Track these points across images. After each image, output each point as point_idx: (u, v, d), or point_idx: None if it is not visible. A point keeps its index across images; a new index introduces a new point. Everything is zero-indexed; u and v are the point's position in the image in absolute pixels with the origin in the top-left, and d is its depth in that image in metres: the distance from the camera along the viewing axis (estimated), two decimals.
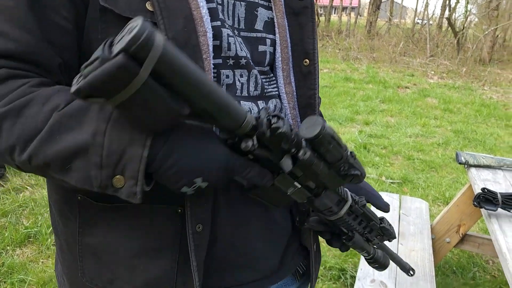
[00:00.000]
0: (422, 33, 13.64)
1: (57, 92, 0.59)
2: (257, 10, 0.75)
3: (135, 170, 0.56)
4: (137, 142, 0.55)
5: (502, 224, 1.54)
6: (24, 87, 0.58)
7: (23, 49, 0.60)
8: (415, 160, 4.56)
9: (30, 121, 0.57)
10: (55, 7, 0.61)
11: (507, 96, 8.11)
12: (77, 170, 0.57)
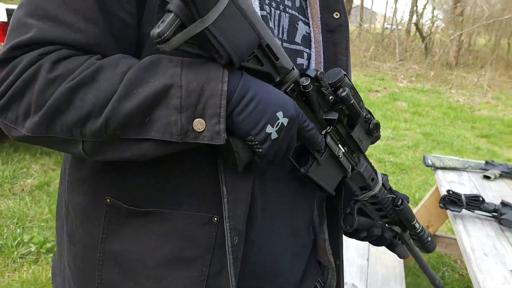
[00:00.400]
0: (391, 38, 13.96)
1: (122, 57, 0.60)
2: (298, 24, 0.78)
3: (216, 106, 0.55)
4: (214, 79, 0.56)
5: (466, 224, 1.59)
6: (91, 59, 0.58)
7: (87, 41, 0.60)
8: (386, 162, 4.66)
9: (104, 84, 0.56)
10: (120, 2, 0.61)
11: (473, 99, 8.40)
12: (157, 120, 0.56)
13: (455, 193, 1.65)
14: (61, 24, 0.58)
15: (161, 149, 0.58)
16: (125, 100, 0.55)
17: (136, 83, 0.56)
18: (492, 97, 8.64)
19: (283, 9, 0.74)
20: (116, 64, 0.58)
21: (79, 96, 0.56)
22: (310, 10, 0.79)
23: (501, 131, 6.23)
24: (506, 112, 7.47)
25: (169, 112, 0.55)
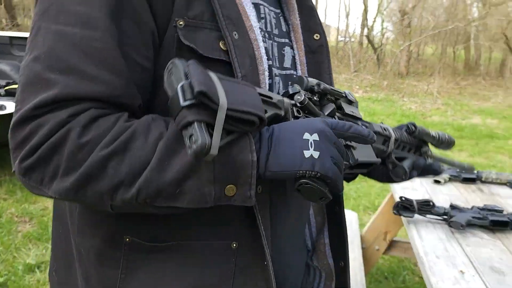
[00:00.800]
0: (345, 50, 14.43)
1: (152, 121, 0.59)
2: (284, 49, 0.81)
3: (248, 176, 0.57)
4: (244, 149, 0.57)
5: (419, 229, 1.65)
6: (120, 122, 0.58)
7: (110, 92, 0.59)
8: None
9: (137, 154, 0.56)
10: (136, 46, 0.61)
11: (424, 106, 8.78)
12: (189, 191, 0.57)
13: (407, 199, 1.71)
14: (85, 78, 0.57)
15: (191, 209, 0.59)
16: (157, 172, 0.56)
17: (168, 154, 0.56)
18: (442, 104, 9.07)
19: (272, 39, 0.78)
20: (148, 131, 0.58)
21: (112, 165, 0.56)
22: (294, 34, 0.83)
23: (452, 135, 6.52)
24: (455, 117, 7.85)
25: (202, 184, 0.56)
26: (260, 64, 0.69)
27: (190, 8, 0.65)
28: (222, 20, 0.65)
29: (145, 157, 0.56)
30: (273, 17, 0.80)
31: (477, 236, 1.60)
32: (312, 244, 0.92)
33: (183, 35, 0.63)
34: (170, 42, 0.63)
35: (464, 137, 6.45)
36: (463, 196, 2.05)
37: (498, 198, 2.04)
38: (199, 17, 0.65)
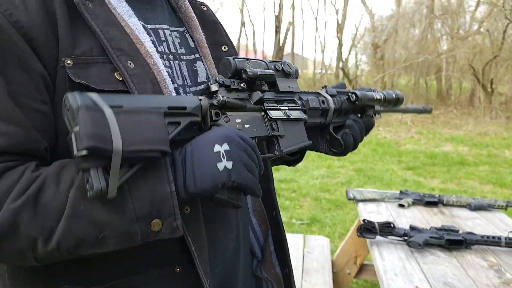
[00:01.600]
0: (322, 82, 14.82)
1: (62, 168, 0.59)
2: (196, 65, 0.84)
3: (170, 207, 0.59)
4: (161, 183, 0.58)
5: (381, 250, 1.74)
6: (27, 173, 0.58)
7: (12, 142, 0.59)
8: (322, 200, 4.86)
9: (49, 205, 0.55)
10: (31, 94, 0.61)
11: (399, 135, 9.04)
12: (113, 235, 0.57)
13: (369, 222, 1.81)
14: None
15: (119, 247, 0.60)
16: (73, 219, 0.55)
17: (82, 200, 0.55)
18: (415, 132, 9.35)
19: (179, 59, 0.81)
20: (57, 180, 0.57)
21: (24, 221, 0.55)
22: (201, 50, 0.87)
23: (425, 163, 6.73)
24: (428, 145, 8.10)
25: (125, 225, 0.57)
26: (165, 87, 0.70)
27: (76, 45, 0.65)
28: (113, 53, 0.66)
29: (58, 207, 0.56)
30: (176, 36, 0.83)
31: (434, 255, 1.70)
32: (260, 253, 0.95)
33: (74, 73, 0.63)
34: (62, 83, 0.64)
35: (437, 164, 6.65)
36: (424, 218, 2.16)
37: (457, 220, 2.16)
38: (88, 53, 0.66)
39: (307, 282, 2.23)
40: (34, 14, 0.64)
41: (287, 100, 0.84)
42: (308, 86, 14.33)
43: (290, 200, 4.83)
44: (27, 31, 0.62)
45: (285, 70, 0.83)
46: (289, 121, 0.82)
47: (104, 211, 0.56)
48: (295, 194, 5.05)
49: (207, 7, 0.95)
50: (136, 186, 0.58)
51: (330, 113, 0.90)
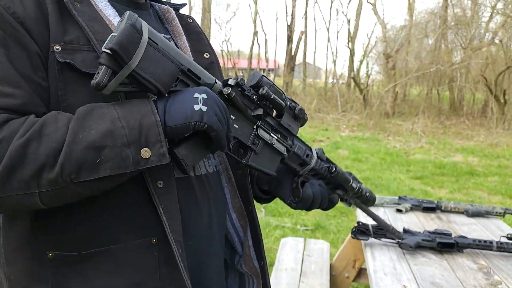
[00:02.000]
0: (333, 91, 14.87)
1: (57, 113, 0.70)
2: None
3: (156, 134, 0.69)
4: (147, 113, 0.69)
5: (374, 251, 1.79)
6: (29, 119, 0.68)
7: (17, 102, 0.70)
8: None
9: (53, 136, 0.66)
10: (33, 68, 0.73)
11: (408, 145, 9.02)
12: (109, 158, 0.66)
13: (363, 224, 1.86)
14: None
15: (115, 181, 0.69)
16: (74, 144, 0.65)
17: (81, 130, 0.66)
18: (425, 142, 9.32)
19: None
20: (56, 120, 0.68)
21: (31, 151, 0.64)
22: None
23: (433, 172, 6.71)
24: (438, 155, 8.06)
25: (119, 149, 0.67)
26: None
27: (65, 34, 0.76)
28: (96, 43, 0.76)
29: (60, 136, 0.66)
30: None
31: (426, 257, 1.74)
32: (241, 248, 1.00)
33: (61, 57, 0.74)
34: (52, 66, 0.74)
35: (445, 174, 6.62)
36: (421, 223, 2.20)
37: (453, 225, 2.19)
38: (75, 42, 0.76)
39: (304, 283, 2.27)
40: (28, 8, 0.75)
41: (281, 133, 0.92)
42: (319, 95, 14.39)
43: None
44: (23, 21, 0.74)
45: (295, 112, 0.92)
46: (269, 148, 0.90)
47: (100, 136, 0.66)
48: None
49: (193, 19, 1.05)
50: (125, 116, 0.68)
51: (307, 168, 0.98)
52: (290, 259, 2.52)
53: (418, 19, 15.78)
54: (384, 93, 12.63)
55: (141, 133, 0.68)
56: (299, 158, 0.96)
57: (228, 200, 0.99)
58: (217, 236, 0.93)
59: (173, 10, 1.03)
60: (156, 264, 0.78)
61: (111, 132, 0.67)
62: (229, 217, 0.99)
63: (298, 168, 0.98)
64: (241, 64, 19.49)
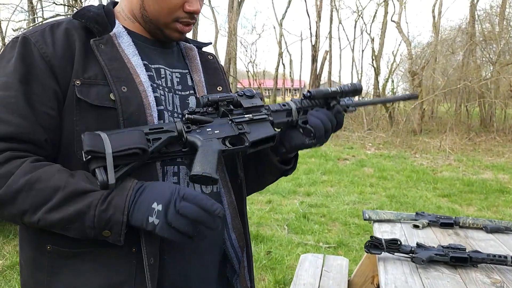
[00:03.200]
0: (359, 109, 14.80)
1: (57, 171, 0.84)
2: (188, 99, 1.06)
3: (118, 229, 0.83)
4: (118, 212, 0.82)
5: (387, 265, 1.81)
6: (25, 164, 0.83)
7: (20, 131, 0.85)
8: (351, 225, 4.87)
9: (40, 194, 0.81)
10: (44, 101, 0.88)
11: (436, 162, 8.87)
12: (75, 229, 0.83)
13: (377, 238, 1.89)
14: (1, 122, 0.84)
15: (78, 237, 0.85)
16: (54, 212, 0.81)
17: (63, 202, 0.81)
18: (454, 160, 9.14)
19: (174, 92, 1.04)
20: (51, 177, 0.82)
21: (21, 197, 0.81)
22: (197, 88, 1.09)
23: (461, 190, 6.58)
24: (466, 172, 7.89)
25: (84, 228, 0.82)
26: (148, 108, 0.94)
27: (86, 71, 0.91)
28: (111, 79, 0.91)
29: (46, 196, 0.82)
30: (177, 76, 1.07)
31: (439, 271, 1.76)
32: (238, 267, 1.09)
33: (79, 91, 0.89)
34: (71, 97, 0.90)
35: (474, 192, 6.48)
36: (437, 238, 2.20)
37: (471, 241, 2.18)
38: (93, 77, 0.91)
39: None
40: (58, 49, 0.92)
41: (253, 111, 1.04)
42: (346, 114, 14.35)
43: (319, 224, 4.88)
44: (51, 60, 0.90)
45: (246, 94, 1.04)
46: (254, 122, 1.02)
47: (74, 214, 0.81)
48: (324, 219, 5.10)
49: (213, 56, 1.20)
50: (102, 206, 0.82)
51: (293, 111, 1.09)
52: (309, 275, 2.56)
53: (444, 35, 15.65)
54: (410, 110, 12.49)
55: (107, 224, 0.82)
56: (280, 111, 1.07)
57: (228, 221, 1.07)
58: (208, 251, 1.02)
59: (196, 48, 1.16)
60: (133, 271, 0.91)
61: (83, 215, 0.81)
62: (229, 237, 1.07)
63: (289, 118, 1.08)
64: (266, 84, 19.72)
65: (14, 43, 0.92)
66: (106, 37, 0.96)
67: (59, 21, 0.97)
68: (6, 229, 4.05)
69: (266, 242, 4.21)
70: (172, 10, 0.99)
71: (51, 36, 0.93)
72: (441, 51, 14.43)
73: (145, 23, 1.03)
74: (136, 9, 1.02)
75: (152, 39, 1.06)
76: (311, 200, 5.81)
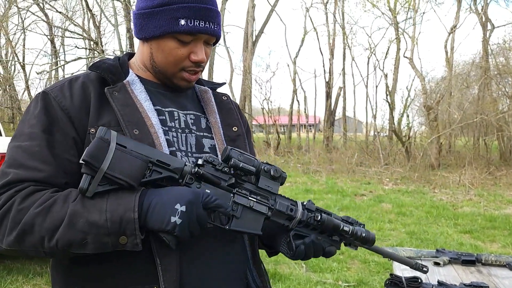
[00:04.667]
0: (375, 144, 14.76)
1: (70, 192, 0.90)
2: (203, 140, 1.11)
3: (132, 229, 0.86)
4: (128, 210, 0.85)
5: None
6: (47, 194, 0.90)
7: (44, 176, 0.92)
8: (371, 263, 4.77)
9: (55, 215, 0.86)
10: (65, 148, 0.96)
11: (456, 197, 8.69)
12: (92, 242, 0.86)
13: (396, 276, 1.87)
14: (27, 168, 0.92)
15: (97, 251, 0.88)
16: (68, 228, 0.85)
17: (75, 217, 0.86)
18: (474, 195, 8.95)
19: (189, 132, 1.09)
20: (65, 200, 0.88)
21: (38, 223, 0.86)
22: (213, 129, 1.14)
23: (483, 226, 6.41)
24: (488, 208, 7.71)
25: (101, 237, 0.85)
26: (159, 149, 0.98)
27: (100, 119, 0.99)
28: (123, 123, 0.97)
29: (60, 217, 0.86)
30: (191, 118, 1.13)
31: None
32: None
33: (94, 138, 0.93)
34: (88, 143, 0.95)
35: (497, 228, 6.30)
36: (459, 276, 2.16)
37: (494, 279, 2.13)
38: (107, 124, 0.97)
39: None
40: (75, 101, 1.00)
41: (262, 195, 1.00)
42: (360, 149, 14.32)
43: (338, 262, 4.79)
44: (69, 111, 0.98)
45: (271, 174, 1.00)
46: (250, 210, 0.98)
47: (88, 225, 0.85)
48: (343, 256, 5.00)
49: (227, 97, 1.25)
50: (111, 209, 0.86)
51: (294, 221, 1.02)
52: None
53: (458, 70, 15.71)
54: (427, 144, 12.39)
55: (121, 225, 0.85)
56: (283, 213, 1.01)
57: (249, 257, 1.10)
58: (228, 283, 1.04)
59: (211, 90, 1.22)
60: None
61: (96, 223, 0.85)
62: (250, 272, 1.10)
63: (287, 222, 1.02)
64: (281, 121, 19.91)
65: (36, 98, 1.01)
66: (119, 84, 1.03)
67: (77, 75, 1.06)
68: (26, 268, 4.09)
69: (284, 280, 4.14)
70: (178, 60, 1.05)
71: (69, 90, 1.01)
72: (455, 86, 14.44)
73: (155, 73, 1.10)
74: (146, 60, 1.09)
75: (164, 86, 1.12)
76: None
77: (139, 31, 1.07)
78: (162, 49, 1.05)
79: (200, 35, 1.04)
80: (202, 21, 1.02)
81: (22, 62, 17.88)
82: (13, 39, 18.17)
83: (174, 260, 0.94)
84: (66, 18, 15.44)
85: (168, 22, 1.01)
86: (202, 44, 1.06)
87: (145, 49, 1.09)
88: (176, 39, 1.03)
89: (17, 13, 17.28)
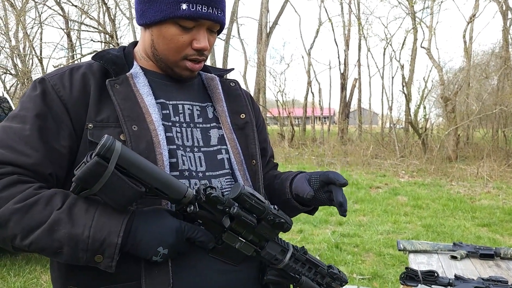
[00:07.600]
0: (391, 136, 14.59)
1: (55, 194, 0.86)
2: (210, 132, 1.07)
3: (112, 253, 0.84)
4: (113, 234, 0.83)
5: None
6: (30, 189, 0.86)
7: (30, 163, 0.89)
8: (386, 255, 4.73)
9: (35, 217, 0.83)
10: (56, 138, 0.93)
11: (474, 190, 8.54)
12: (67, 253, 0.83)
13: (412, 270, 1.84)
14: (14, 151, 0.89)
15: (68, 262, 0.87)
16: (46, 235, 0.82)
17: (56, 224, 0.82)
18: (493, 187, 8.78)
19: (194, 126, 1.06)
20: (49, 201, 0.84)
21: (14, 219, 0.82)
22: (220, 119, 1.11)
23: (502, 219, 6.28)
24: (507, 200, 7.56)
25: (77, 251, 0.82)
26: (158, 146, 0.95)
27: (98, 114, 0.95)
28: (122, 118, 0.94)
29: (41, 219, 0.83)
30: (197, 109, 1.09)
31: None
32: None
33: (91, 134, 0.94)
34: (85, 140, 0.94)
35: None
36: (477, 270, 2.12)
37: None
38: (105, 120, 0.95)
39: None
40: (74, 92, 0.96)
41: (255, 236, 0.95)
42: (376, 141, 14.16)
43: (352, 254, 4.76)
44: (66, 102, 0.95)
45: (276, 222, 0.93)
46: (233, 249, 0.95)
47: (67, 237, 0.82)
48: (357, 249, 4.97)
49: (235, 83, 1.20)
50: (96, 227, 0.83)
51: (281, 264, 1.00)
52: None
53: (477, 60, 15.37)
54: (444, 136, 12.19)
55: (102, 245, 0.83)
56: (270, 257, 0.99)
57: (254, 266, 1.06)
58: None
59: (218, 77, 1.18)
60: None
61: (76, 237, 0.82)
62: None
63: (280, 257, 1.00)
64: (296, 113, 19.82)
65: (35, 83, 0.98)
66: (122, 77, 1.00)
67: (79, 65, 1.03)
68: (44, 258, 4.16)
69: None
70: (180, 48, 1.01)
71: (69, 80, 0.98)
72: (474, 76, 14.14)
73: (157, 62, 1.06)
74: (148, 48, 1.05)
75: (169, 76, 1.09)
76: (343, 230, 5.69)
77: (140, 16, 1.04)
78: (163, 36, 1.00)
79: (203, 20, 0.99)
80: (205, 6, 0.98)
81: (40, 56, 18.11)
82: (30, 33, 18.40)
83: (162, 284, 0.92)
84: (82, 11, 15.53)
85: (169, 7, 0.97)
86: (205, 31, 1.02)
87: (147, 36, 1.05)
88: (178, 25, 0.99)
89: (34, 7, 17.50)
